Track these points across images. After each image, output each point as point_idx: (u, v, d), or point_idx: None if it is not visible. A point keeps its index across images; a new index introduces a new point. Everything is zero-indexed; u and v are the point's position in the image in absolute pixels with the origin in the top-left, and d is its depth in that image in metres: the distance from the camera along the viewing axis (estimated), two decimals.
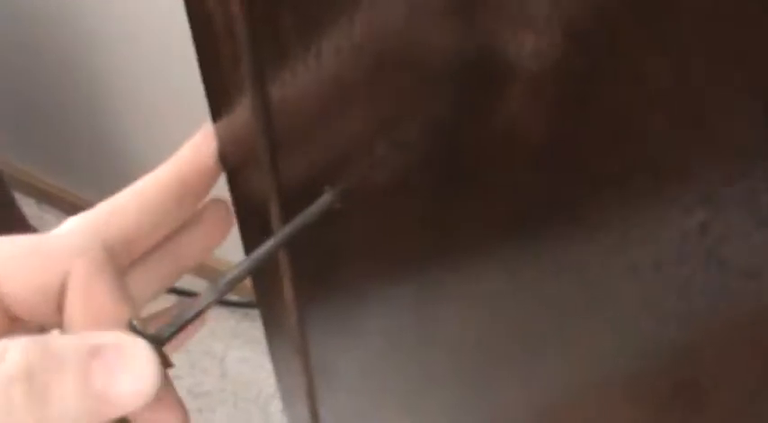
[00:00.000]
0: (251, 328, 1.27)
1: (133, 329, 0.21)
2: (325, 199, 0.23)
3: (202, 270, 1.28)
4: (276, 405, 1.19)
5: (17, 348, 0.16)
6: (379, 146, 0.21)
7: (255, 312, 1.27)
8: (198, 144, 0.25)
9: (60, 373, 0.16)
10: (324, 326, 0.33)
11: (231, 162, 0.26)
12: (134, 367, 0.18)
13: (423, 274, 0.25)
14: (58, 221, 0.22)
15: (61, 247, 0.21)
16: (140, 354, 0.18)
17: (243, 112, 0.23)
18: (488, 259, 0.22)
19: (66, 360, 0.17)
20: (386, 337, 0.30)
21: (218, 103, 0.24)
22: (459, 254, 0.23)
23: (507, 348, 0.25)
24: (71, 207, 1.43)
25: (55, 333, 0.22)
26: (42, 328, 0.23)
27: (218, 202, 0.27)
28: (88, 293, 0.20)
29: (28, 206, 1.33)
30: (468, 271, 0.23)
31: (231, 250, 0.27)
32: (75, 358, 0.17)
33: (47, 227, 1.33)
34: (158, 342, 0.21)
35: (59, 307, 0.21)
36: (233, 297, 1.26)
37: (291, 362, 0.38)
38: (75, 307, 0.20)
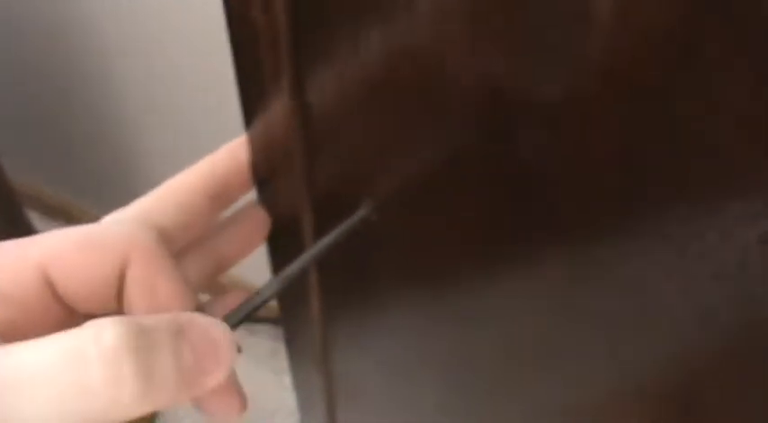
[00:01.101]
0: (255, 344, 1.26)
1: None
2: (363, 211, 0.23)
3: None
4: (279, 421, 1.17)
5: (117, 325, 0.17)
6: (420, 158, 0.21)
7: (260, 328, 1.26)
8: (234, 148, 0.25)
9: (158, 349, 0.17)
10: (348, 340, 0.32)
11: (263, 172, 0.25)
12: (217, 348, 0.18)
13: (457, 292, 0.24)
14: None
15: (116, 237, 0.20)
16: (223, 336, 0.19)
17: (280, 121, 0.23)
18: (528, 276, 0.21)
19: (160, 338, 0.17)
20: (413, 355, 0.30)
21: (254, 111, 0.24)
22: (498, 272, 0.22)
23: (537, 365, 0.24)
24: (77, 221, 1.42)
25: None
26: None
27: (256, 205, 0.27)
28: (149, 282, 0.20)
29: (33, 220, 1.32)
30: (506, 290, 0.22)
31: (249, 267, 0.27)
32: (168, 336, 0.18)
33: None
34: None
35: (117, 297, 0.21)
36: None
37: (312, 376, 0.37)
38: (137, 296, 0.20)
